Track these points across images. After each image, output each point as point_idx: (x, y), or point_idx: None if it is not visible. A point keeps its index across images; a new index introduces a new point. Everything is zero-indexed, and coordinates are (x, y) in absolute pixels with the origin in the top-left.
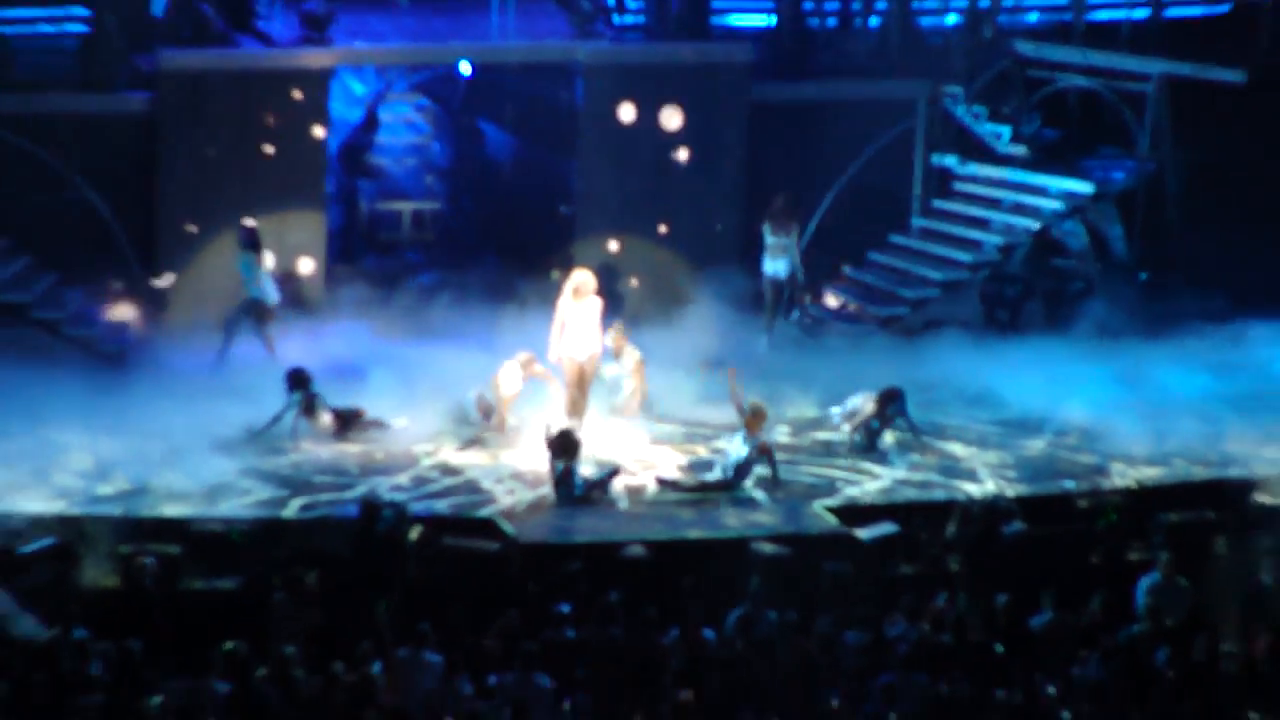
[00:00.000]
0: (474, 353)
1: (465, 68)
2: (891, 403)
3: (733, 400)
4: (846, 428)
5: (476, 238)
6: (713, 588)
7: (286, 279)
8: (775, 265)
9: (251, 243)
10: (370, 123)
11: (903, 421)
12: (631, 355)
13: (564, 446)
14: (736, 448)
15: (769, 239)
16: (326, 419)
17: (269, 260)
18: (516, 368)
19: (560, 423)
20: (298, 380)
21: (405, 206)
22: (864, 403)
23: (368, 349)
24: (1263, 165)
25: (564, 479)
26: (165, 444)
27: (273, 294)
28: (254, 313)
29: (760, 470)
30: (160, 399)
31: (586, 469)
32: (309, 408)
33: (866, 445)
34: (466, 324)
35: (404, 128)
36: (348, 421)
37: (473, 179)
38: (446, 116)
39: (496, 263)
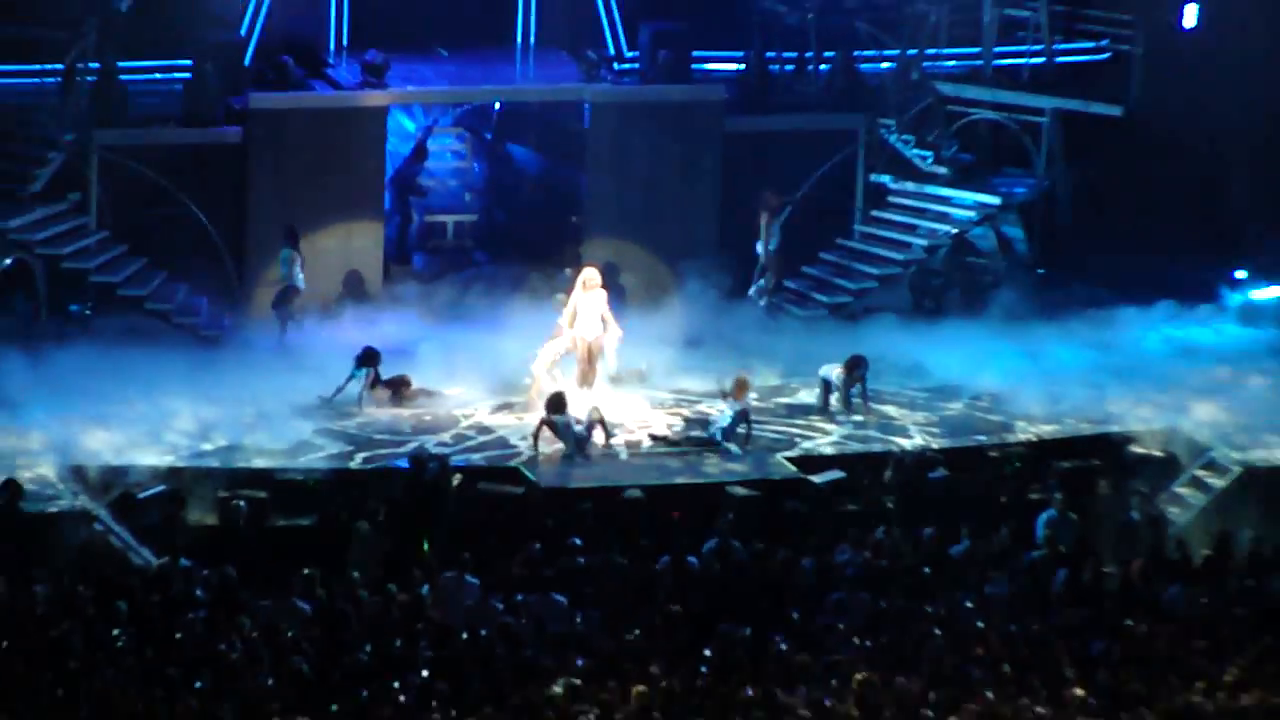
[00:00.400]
0: (500, 334)
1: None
2: (858, 366)
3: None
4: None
5: (504, 242)
6: (696, 523)
7: (351, 277)
8: (760, 243)
9: (291, 240)
10: (420, 153)
11: (860, 387)
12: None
13: (554, 405)
14: (722, 412)
15: (760, 224)
16: (384, 392)
17: (300, 255)
18: (554, 347)
19: (556, 388)
20: (368, 357)
21: (449, 218)
22: (834, 370)
23: (417, 331)
24: (1136, 181)
25: (562, 432)
26: (254, 409)
27: (301, 281)
28: (285, 295)
29: (740, 431)
30: (249, 373)
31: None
32: (375, 381)
33: (843, 402)
34: (495, 311)
35: (449, 154)
36: (397, 389)
37: (502, 196)
38: (481, 146)
39: (520, 261)
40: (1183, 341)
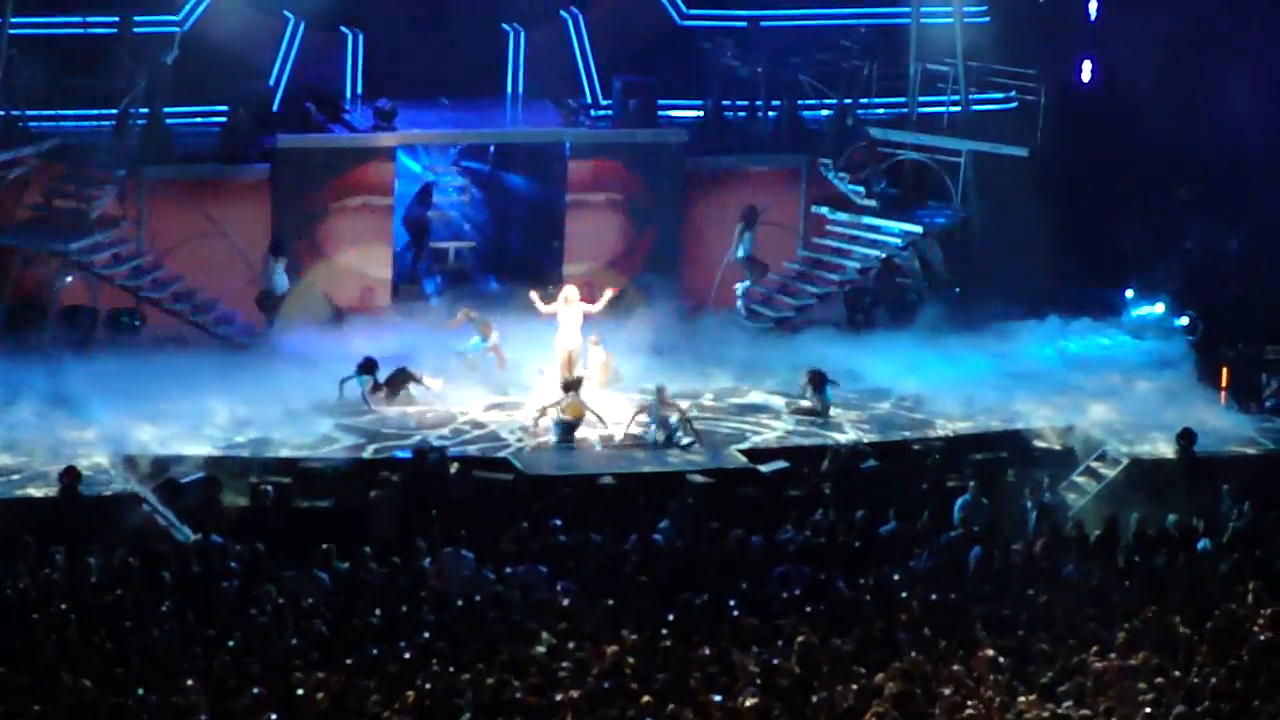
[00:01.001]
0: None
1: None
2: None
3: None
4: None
5: (498, 265)
6: (659, 506)
7: (364, 294)
8: (735, 250)
9: (275, 249)
10: (425, 195)
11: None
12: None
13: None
14: (648, 426)
15: (735, 233)
16: (383, 392)
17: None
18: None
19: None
20: (367, 366)
21: (450, 245)
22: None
23: (423, 340)
24: (1039, 212)
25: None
26: (281, 407)
27: (280, 286)
28: (268, 300)
29: (681, 435)
30: (276, 376)
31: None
32: (375, 386)
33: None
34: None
35: (451, 189)
36: (396, 385)
37: (496, 224)
38: (479, 181)
39: (511, 281)
40: (1079, 351)
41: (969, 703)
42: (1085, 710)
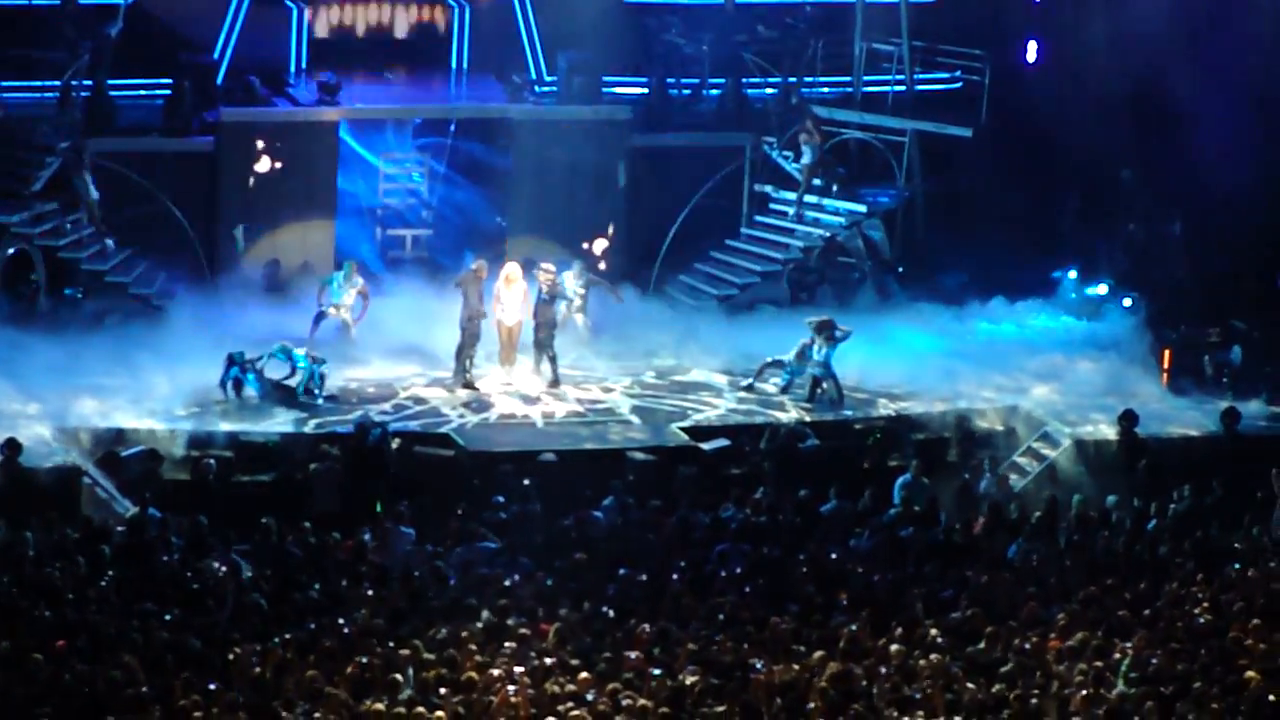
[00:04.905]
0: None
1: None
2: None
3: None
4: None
5: (449, 241)
6: (601, 483)
7: (304, 267)
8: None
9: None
10: (378, 180)
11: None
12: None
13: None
14: None
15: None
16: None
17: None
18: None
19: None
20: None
21: (407, 233)
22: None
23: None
24: (982, 193)
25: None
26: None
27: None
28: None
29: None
30: (221, 350)
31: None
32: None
33: (824, 374)
34: (440, 296)
35: (407, 177)
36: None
37: (453, 208)
38: (436, 168)
39: (459, 258)
40: (1022, 332)
41: (908, 683)
42: (1024, 690)
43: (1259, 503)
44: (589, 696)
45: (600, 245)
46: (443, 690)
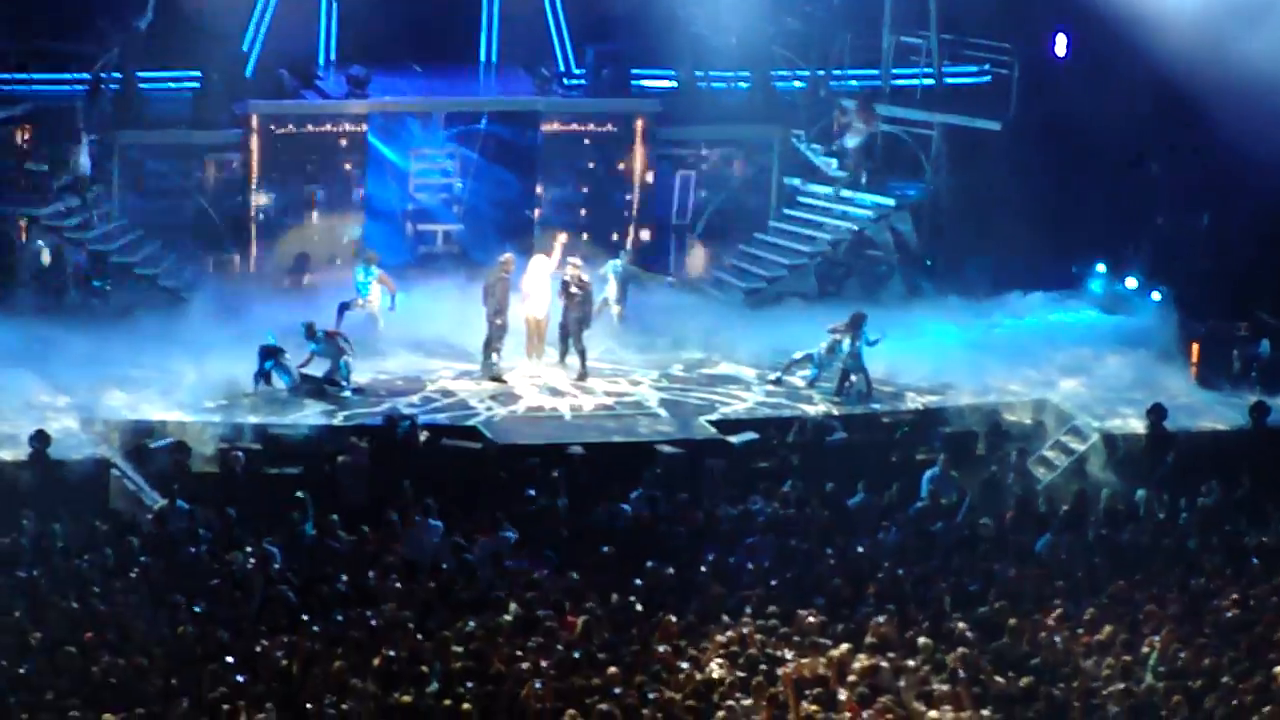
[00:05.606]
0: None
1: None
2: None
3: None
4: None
5: (480, 235)
6: (629, 476)
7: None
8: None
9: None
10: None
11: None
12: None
13: None
14: None
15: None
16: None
17: None
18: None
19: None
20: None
21: (439, 228)
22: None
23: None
24: (1011, 186)
25: None
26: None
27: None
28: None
29: None
30: (249, 343)
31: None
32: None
33: (853, 366)
34: (469, 290)
35: (439, 173)
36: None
37: (475, 201)
38: (468, 162)
39: (490, 251)
40: (1050, 326)
41: (935, 676)
42: (1052, 685)
43: None
44: (616, 690)
45: (634, 238)
46: (470, 683)
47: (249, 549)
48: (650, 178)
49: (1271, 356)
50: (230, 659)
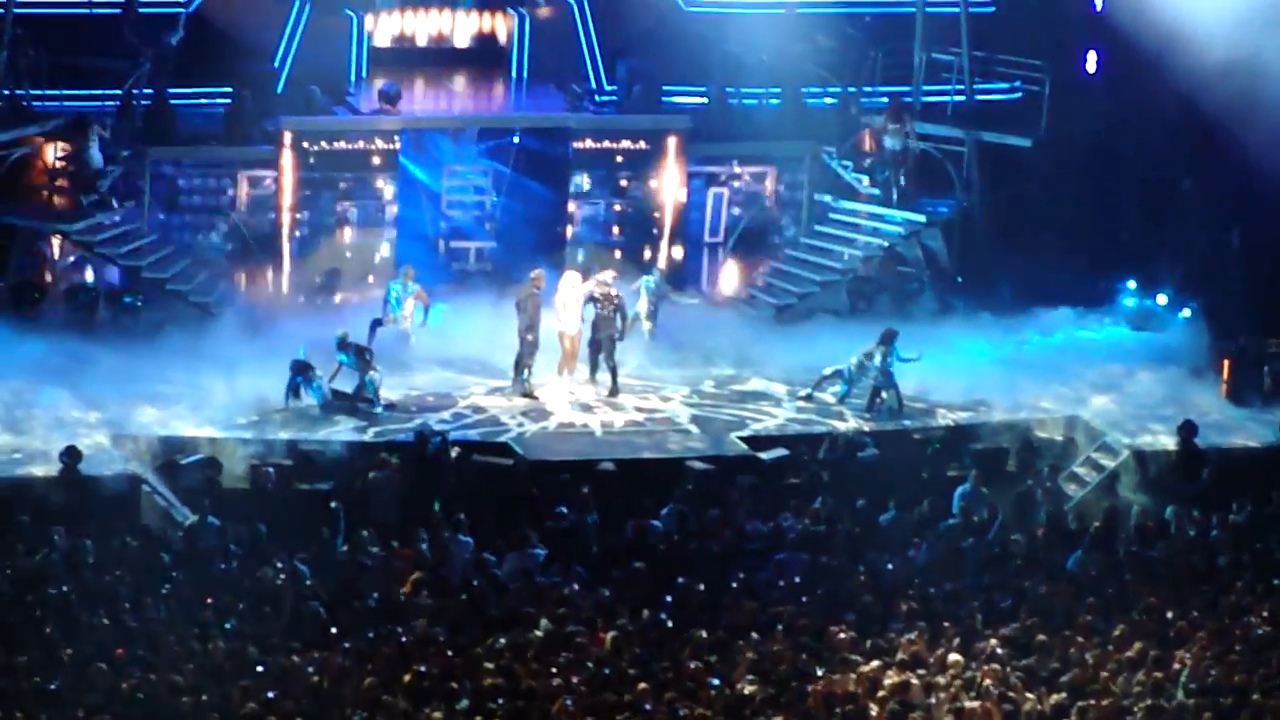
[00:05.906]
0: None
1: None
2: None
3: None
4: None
5: (513, 252)
6: (660, 492)
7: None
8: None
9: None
10: (441, 195)
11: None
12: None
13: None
14: None
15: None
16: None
17: None
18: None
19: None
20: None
21: (471, 245)
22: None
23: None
24: (1041, 202)
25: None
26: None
27: None
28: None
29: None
30: (279, 359)
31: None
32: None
33: (884, 383)
34: (501, 307)
35: (471, 189)
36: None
37: (507, 219)
38: (500, 178)
39: (523, 268)
40: (1081, 342)
41: (966, 693)
42: (1083, 702)
43: None
44: (646, 706)
45: (666, 255)
46: (500, 699)
47: (280, 565)
48: (682, 195)
49: None
50: (261, 675)
